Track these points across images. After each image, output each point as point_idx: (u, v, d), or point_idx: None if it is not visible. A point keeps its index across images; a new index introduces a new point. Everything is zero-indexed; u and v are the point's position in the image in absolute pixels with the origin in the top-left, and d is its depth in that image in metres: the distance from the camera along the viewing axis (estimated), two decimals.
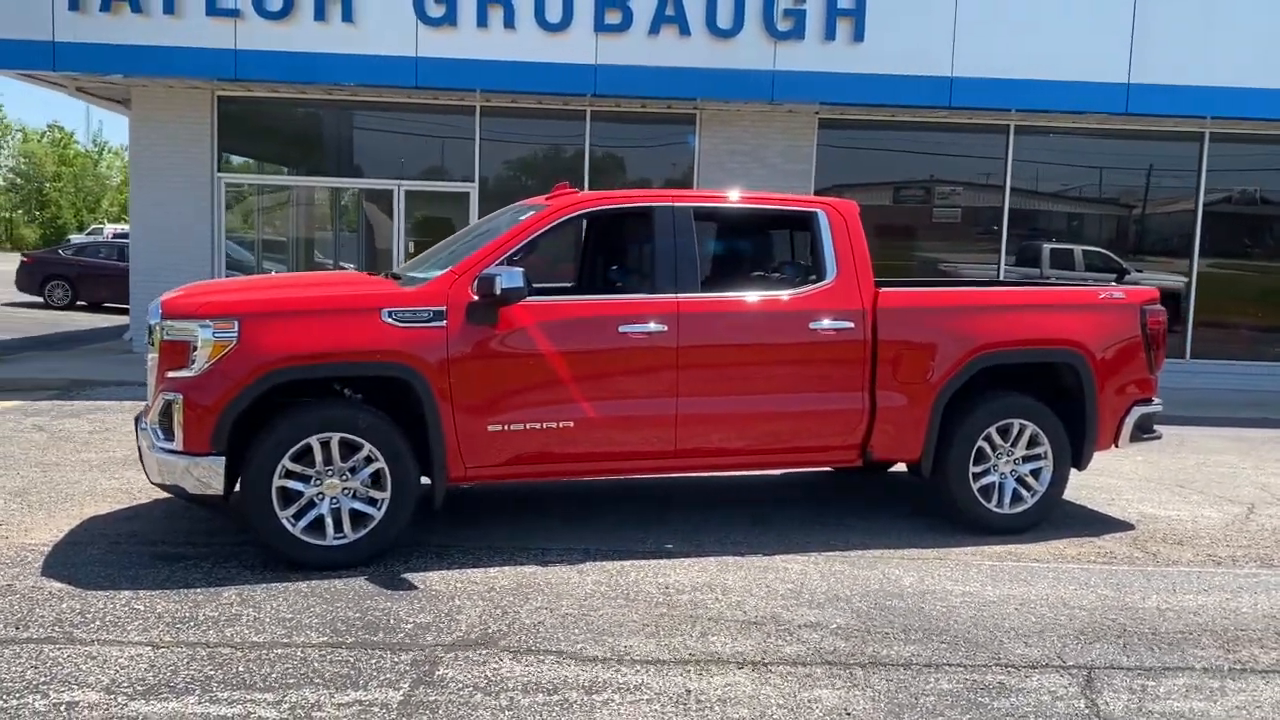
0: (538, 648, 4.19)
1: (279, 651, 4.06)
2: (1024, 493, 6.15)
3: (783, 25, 11.61)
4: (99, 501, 6.24)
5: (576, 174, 12.93)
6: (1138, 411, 6.33)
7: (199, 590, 4.75)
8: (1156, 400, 6.47)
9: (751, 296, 5.81)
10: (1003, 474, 6.12)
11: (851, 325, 5.80)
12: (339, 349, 5.06)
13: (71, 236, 46.76)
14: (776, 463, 6.07)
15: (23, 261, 22.32)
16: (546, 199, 5.88)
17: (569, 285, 7.24)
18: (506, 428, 5.33)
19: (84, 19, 11.38)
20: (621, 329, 5.48)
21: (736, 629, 4.47)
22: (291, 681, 3.79)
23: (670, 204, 5.77)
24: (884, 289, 6.01)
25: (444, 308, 5.21)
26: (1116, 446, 6.40)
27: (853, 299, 5.84)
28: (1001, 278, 13.10)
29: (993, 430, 6.05)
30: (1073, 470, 6.30)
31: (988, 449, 6.07)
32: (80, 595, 4.64)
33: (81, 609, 4.46)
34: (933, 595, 5.00)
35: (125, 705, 3.56)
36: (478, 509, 6.35)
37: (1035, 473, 6.16)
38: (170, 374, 5.04)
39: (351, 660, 4.00)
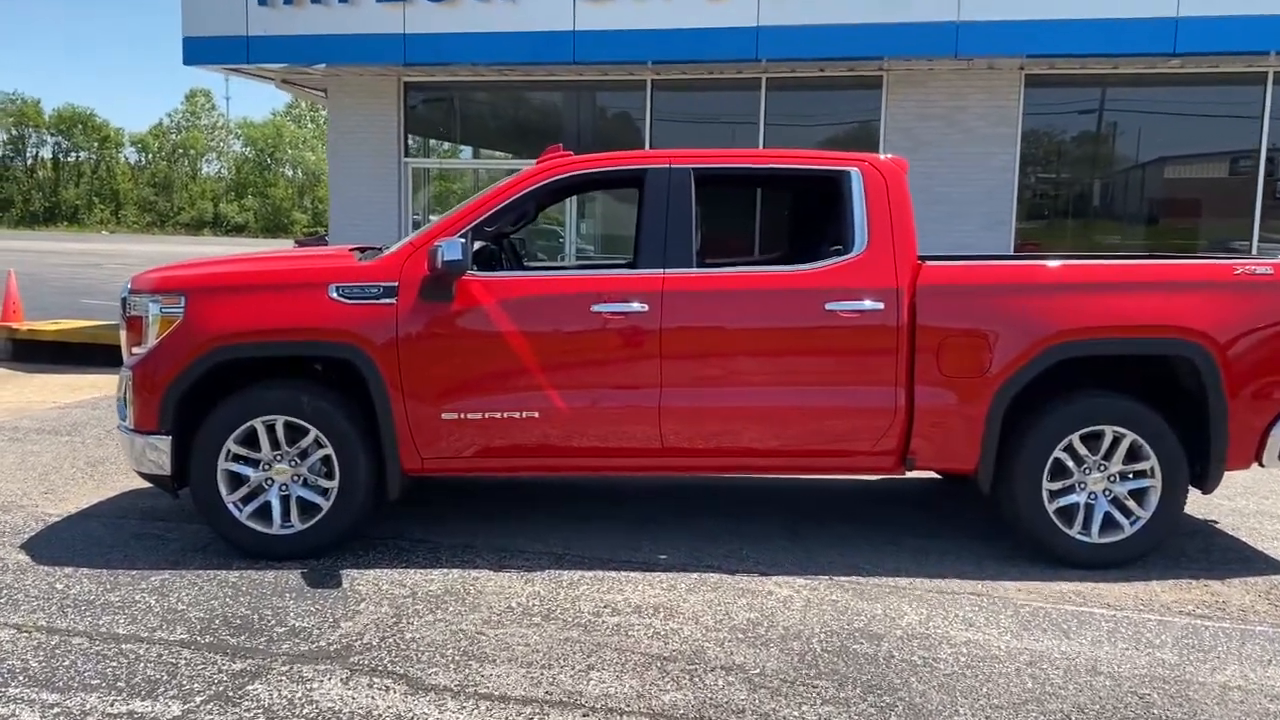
0: (385, 669, 3.68)
1: (125, 647, 3.81)
2: (1121, 518, 4.90)
3: None
4: None
5: (751, 145, 12.14)
6: None
7: (132, 573, 4.63)
8: None
9: (755, 272, 4.96)
10: (1091, 494, 4.90)
11: (881, 306, 4.81)
12: (279, 326, 4.76)
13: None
14: (787, 467, 5.14)
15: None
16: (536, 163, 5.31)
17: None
18: (463, 416, 4.83)
19: (273, 13, 11.94)
20: (595, 308, 4.83)
21: (635, 665, 3.75)
22: (93, 683, 3.51)
23: (666, 165, 5.03)
24: (929, 263, 4.96)
25: (396, 283, 4.79)
26: (1261, 465, 4.97)
27: (884, 275, 4.84)
28: (1255, 253, 11.00)
29: (1075, 439, 4.85)
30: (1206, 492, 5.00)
31: (1069, 461, 4.88)
32: (23, 570, 4.64)
33: (8, 584, 4.44)
34: (922, 641, 4.01)
35: None
36: (491, 501, 5.91)
37: (1138, 494, 4.90)
38: (133, 350, 4.95)
39: (179, 664, 3.68)
